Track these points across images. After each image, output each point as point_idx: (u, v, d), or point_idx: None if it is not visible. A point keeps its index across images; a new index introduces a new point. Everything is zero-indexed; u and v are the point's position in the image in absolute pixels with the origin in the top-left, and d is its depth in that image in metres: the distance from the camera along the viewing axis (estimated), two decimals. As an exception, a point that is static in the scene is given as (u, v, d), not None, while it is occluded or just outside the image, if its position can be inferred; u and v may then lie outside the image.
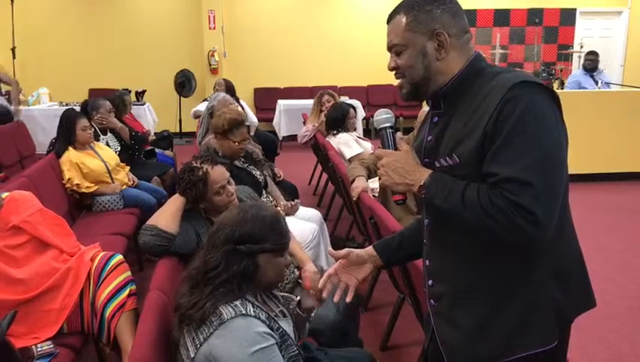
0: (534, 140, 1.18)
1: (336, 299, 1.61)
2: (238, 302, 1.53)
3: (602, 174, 6.32)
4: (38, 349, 2.13)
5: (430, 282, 1.44)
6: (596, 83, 6.92)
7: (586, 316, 1.40)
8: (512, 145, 1.18)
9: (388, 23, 1.39)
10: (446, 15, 1.33)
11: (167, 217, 2.24)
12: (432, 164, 1.35)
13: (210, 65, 9.10)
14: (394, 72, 1.41)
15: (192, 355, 1.49)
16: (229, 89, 6.10)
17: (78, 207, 3.98)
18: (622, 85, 7.97)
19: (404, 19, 1.34)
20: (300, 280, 2.45)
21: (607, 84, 7.05)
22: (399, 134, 1.48)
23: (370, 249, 1.65)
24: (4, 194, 2.42)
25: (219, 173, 2.35)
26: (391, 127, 1.48)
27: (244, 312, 1.51)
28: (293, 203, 3.47)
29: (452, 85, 1.34)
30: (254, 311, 1.53)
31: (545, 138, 1.19)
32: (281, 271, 1.65)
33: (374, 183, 3.54)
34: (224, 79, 6.62)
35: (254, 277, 1.59)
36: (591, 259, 1.42)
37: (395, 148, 1.43)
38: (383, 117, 1.49)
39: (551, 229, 1.19)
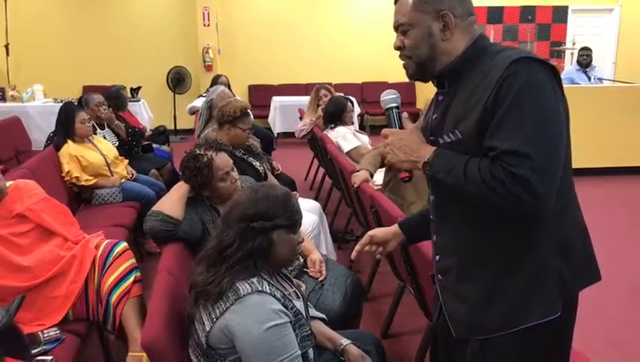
0: (533, 114, 1.20)
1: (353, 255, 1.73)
2: (254, 279, 1.56)
3: (595, 169, 6.37)
4: (45, 335, 2.13)
5: (437, 257, 1.48)
6: (589, 79, 6.98)
7: (583, 305, 1.43)
8: (511, 120, 1.21)
9: (395, 2, 1.42)
10: None
11: (172, 202, 2.26)
12: (437, 141, 1.38)
13: (204, 62, 9.09)
14: (399, 51, 1.43)
15: (208, 329, 1.52)
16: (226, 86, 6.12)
17: (78, 200, 3.98)
18: (614, 81, 8.04)
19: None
20: (305, 269, 2.48)
21: (600, 79, 7.11)
22: (405, 114, 1.51)
23: (394, 227, 1.72)
24: (9, 183, 2.43)
25: (223, 159, 2.37)
26: (397, 107, 1.51)
27: (260, 289, 1.53)
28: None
29: (455, 64, 1.37)
30: (270, 289, 1.56)
31: (543, 112, 1.22)
32: (294, 248, 1.68)
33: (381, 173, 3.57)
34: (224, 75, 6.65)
35: (269, 254, 1.62)
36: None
37: (401, 128, 1.46)
38: (390, 97, 1.52)
39: (550, 200, 1.21)
